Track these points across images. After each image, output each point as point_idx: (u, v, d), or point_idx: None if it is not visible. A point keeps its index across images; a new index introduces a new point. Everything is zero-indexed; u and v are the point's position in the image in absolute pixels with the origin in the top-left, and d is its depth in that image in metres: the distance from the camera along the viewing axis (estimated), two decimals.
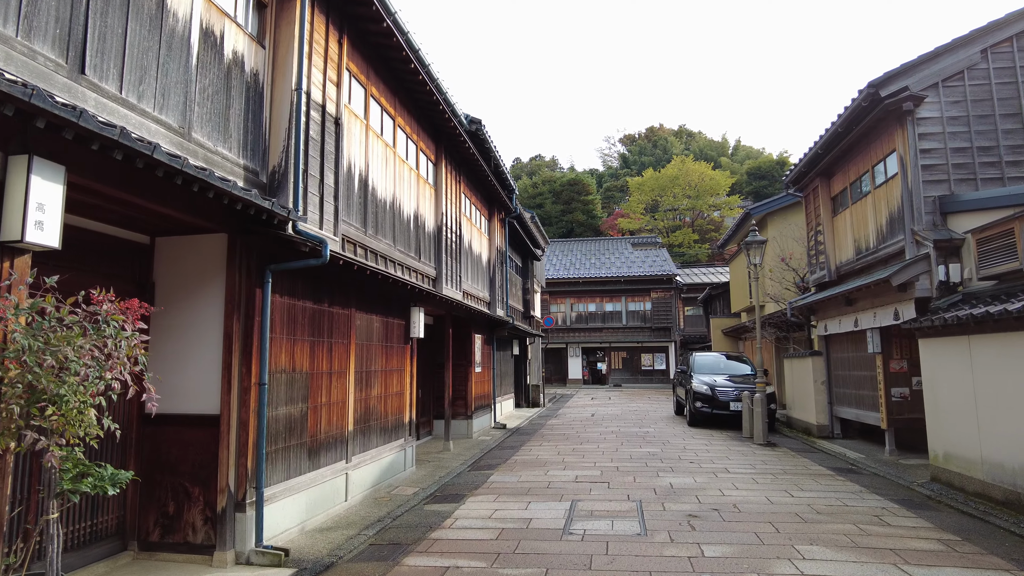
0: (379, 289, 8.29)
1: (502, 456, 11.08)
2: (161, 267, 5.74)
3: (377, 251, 8.32)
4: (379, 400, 8.45)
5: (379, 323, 8.50)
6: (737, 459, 10.50)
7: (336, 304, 7.21)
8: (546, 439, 13.28)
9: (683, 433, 14.02)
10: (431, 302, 10.07)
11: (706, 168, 55.24)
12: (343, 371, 7.37)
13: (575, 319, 35.70)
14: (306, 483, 6.40)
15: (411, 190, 9.95)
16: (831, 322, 12.44)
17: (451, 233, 11.84)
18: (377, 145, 8.57)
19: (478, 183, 14.22)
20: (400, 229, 9.34)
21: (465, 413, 13.48)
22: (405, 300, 9.36)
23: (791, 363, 14.78)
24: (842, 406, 12.52)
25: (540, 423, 16.65)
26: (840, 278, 12.22)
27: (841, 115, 10.22)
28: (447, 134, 11.22)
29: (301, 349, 6.43)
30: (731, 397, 14.80)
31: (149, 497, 5.43)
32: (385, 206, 8.74)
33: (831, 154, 11.43)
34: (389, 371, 8.84)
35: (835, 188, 12.29)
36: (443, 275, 11.09)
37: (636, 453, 11.16)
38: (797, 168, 12.85)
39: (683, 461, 10.28)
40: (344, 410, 7.38)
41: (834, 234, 12.38)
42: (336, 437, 7.16)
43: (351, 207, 7.59)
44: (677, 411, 18.51)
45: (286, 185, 5.89)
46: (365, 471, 7.85)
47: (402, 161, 9.56)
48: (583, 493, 7.95)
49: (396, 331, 9.13)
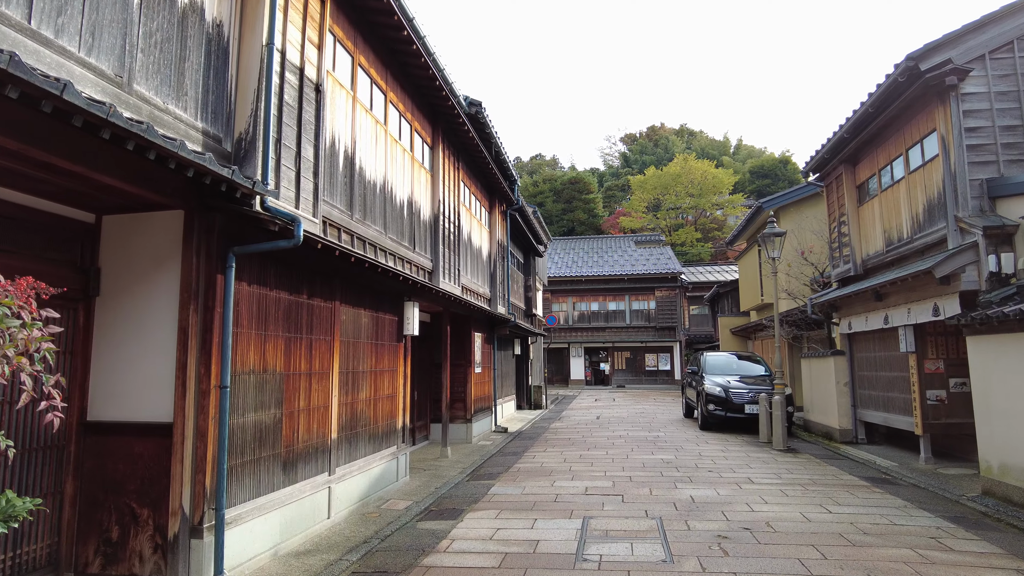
0: (368, 280, 7.46)
1: (504, 463, 10.25)
2: (108, 250, 4.91)
3: (365, 238, 7.50)
4: (368, 404, 7.62)
5: (368, 318, 7.67)
6: (759, 467, 9.67)
7: (317, 296, 6.38)
8: (551, 444, 12.44)
9: (696, 438, 13.19)
10: (427, 296, 9.25)
11: (709, 166, 54.49)
12: (325, 372, 6.53)
13: (577, 318, 34.85)
14: (280, 500, 5.56)
15: (405, 173, 9.12)
16: (856, 319, 11.61)
17: (449, 223, 11.01)
18: (366, 121, 7.75)
19: (478, 171, 13.39)
20: (392, 215, 8.51)
21: (464, 416, 12.65)
22: (398, 294, 8.54)
23: (809, 363, 13.95)
24: (867, 409, 11.69)
25: (543, 426, 15.82)
26: (866, 272, 11.39)
27: (873, 93, 9.39)
28: (445, 115, 10.39)
29: (274, 346, 5.60)
30: (746, 399, 13.98)
31: (89, 521, 4.60)
32: (375, 189, 7.91)
33: (858, 138, 10.60)
34: (380, 372, 8.01)
35: (861, 175, 11.46)
36: (440, 267, 10.25)
37: (649, 460, 10.33)
38: (819, 155, 12.02)
39: (701, 470, 9.45)
40: (327, 416, 6.55)
41: (859, 225, 11.55)
42: (317, 446, 6.33)
43: (335, 187, 6.76)
44: (687, 414, 17.68)
45: (254, 154, 5.06)
46: (351, 484, 7.02)
47: (395, 141, 8.73)
48: (595, 508, 7.12)
49: (388, 328, 8.30)
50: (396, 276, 7.34)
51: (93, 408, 4.74)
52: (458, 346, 12.84)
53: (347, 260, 6.13)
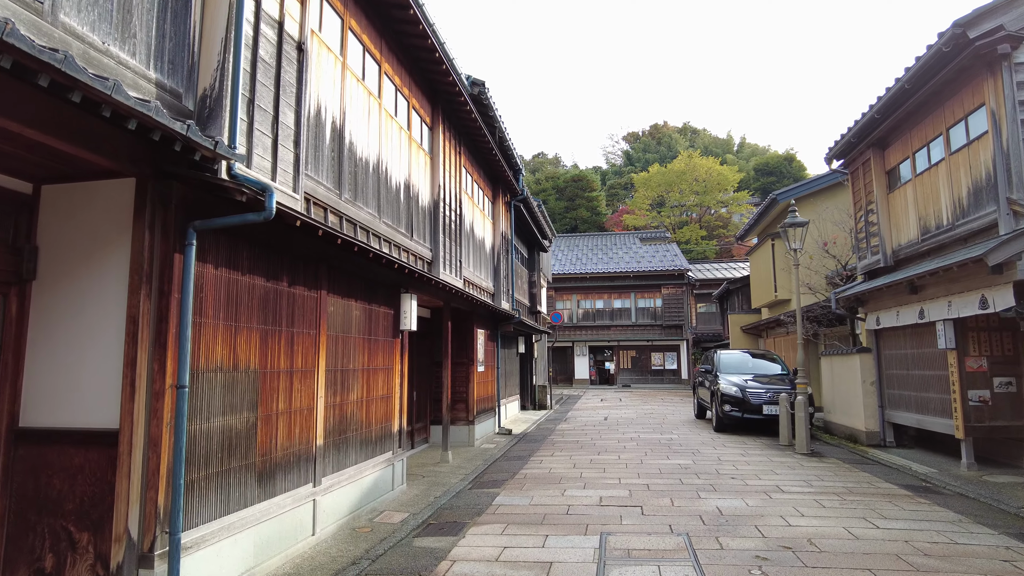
0: (360, 268, 6.72)
1: (509, 469, 9.50)
2: (48, 226, 4.17)
3: (356, 221, 6.75)
4: (359, 405, 6.87)
5: (360, 311, 6.92)
6: (785, 474, 8.91)
7: (300, 284, 5.64)
8: (558, 447, 11.70)
9: (712, 441, 12.44)
10: (426, 288, 8.50)
11: (714, 163, 53.72)
12: (310, 369, 5.79)
13: (582, 316, 34.08)
14: (255, 517, 4.82)
15: (401, 154, 8.37)
16: (885, 314, 10.84)
17: (450, 210, 10.26)
18: (357, 91, 7.00)
19: (481, 157, 12.64)
20: (387, 199, 7.77)
21: (466, 418, 11.90)
22: (394, 284, 7.79)
23: (831, 361, 13.18)
24: (897, 410, 10.92)
25: (549, 428, 15.07)
26: (897, 264, 10.62)
27: (910, 68, 8.62)
28: (445, 94, 9.64)
29: (248, 340, 4.85)
30: (764, 400, 13.22)
31: (18, 547, 3.86)
32: (367, 168, 7.17)
33: (891, 118, 9.82)
34: (373, 370, 7.26)
35: (891, 160, 10.69)
36: (440, 257, 9.50)
37: (665, 466, 9.58)
38: (844, 139, 11.24)
39: (723, 477, 8.70)
40: (311, 419, 5.80)
41: (889, 213, 10.78)
42: (300, 454, 5.58)
43: (320, 162, 6.02)
44: (699, 414, 16.92)
45: (220, 113, 4.31)
46: (340, 495, 6.28)
47: (390, 117, 7.98)
48: (612, 522, 6.37)
49: (382, 322, 7.55)
50: (391, 264, 6.59)
51: (26, 413, 4.00)
52: (460, 343, 12.10)
53: (333, 243, 5.40)
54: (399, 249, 8.06)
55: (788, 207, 19.10)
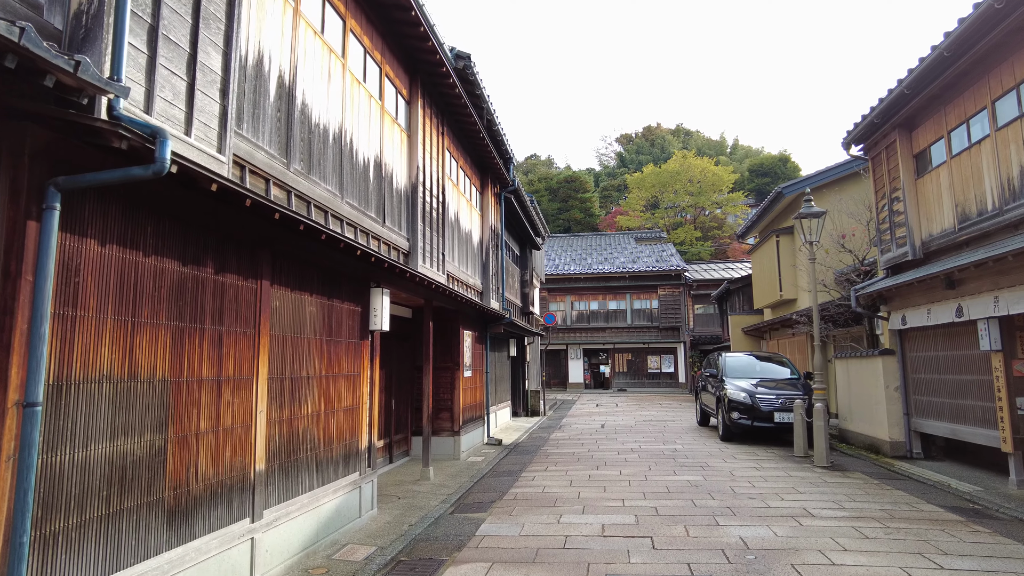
0: (316, 256, 5.62)
1: (497, 488, 8.40)
2: None
3: (311, 198, 5.65)
4: (316, 420, 5.76)
5: (317, 307, 5.82)
6: (809, 492, 7.86)
7: (232, 271, 4.53)
8: (552, 460, 10.60)
9: (719, 451, 11.37)
10: (401, 282, 7.41)
11: (708, 163, 53.05)
12: (246, 378, 4.68)
13: (576, 318, 33.01)
14: (162, 570, 3.71)
15: (372, 127, 7.28)
16: (913, 312, 9.82)
17: (431, 196, 9.16)
18: (314, 45, 5.90)
19: (467, 141, 11.56)
20: (353, 176, 6.67)
21: (451, 428, 10.79)
22: (361, 277, 6.69)
23: (847, 364, 12.15)
24: (926, 418, 9.90)
25: (543, 437, 13.97)
26: (927, 256, 9.59)
27: (951, 33, 7.61)
28: (425, 65, 8.56)
29: (153, 340, 3.74)
30: (775, 407, 12.19)
31: None
32: (326, 137, 6.07)
33: (923, 94, 8.79)
34: (334, 377, 6.15)
35: (921, 141, 9.66)
36: (419, 248, 8.40)
37: (673, 483, 8.50)
38: (866, 120, 10.22)
39: (740, 496, 7.63)
40: (248, 439, 4.69)
41: (918, 200, 9.75)
42: (231, 483, 4.47)
43: (261, 121, 4.92)
44: (702, 421, 15.87)
45: (98, 33, 3.20)
46: (289, 529, 5.16)
47: (357, 82, 6.89)
48: (619, 559, 5.28)
49: (347, 321, 6.45)
50: (353, 250, 5.48)
51: None
52: (444, 346, 10.99)
53: (275, 220, 4.29)
54: (367, 236, 6.96)
55: (793, 202, 18.15)
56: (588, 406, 22.63)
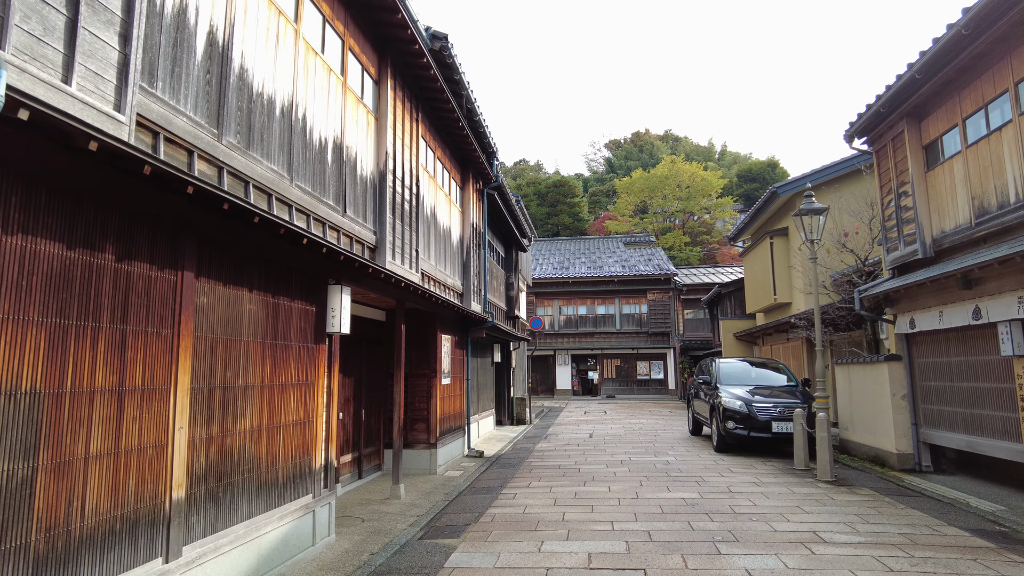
0: (258, 246, 4.83)
1: (474, 507, 7.61)
2: None
3: (249, 177, 4.87)
4: (256, 436, 4.95)
5: (259, 306, 5.02)
6: (816, 512, 7.14)
7: (141, 258, 3.74)
8: (536, 475, 9.82)
9: (715, 464, 10.64)
10: (367, 280, 6.63)
11: (697, 168, 52.80)
12: (159, 388, 3.88)
13: (564, 323, 32.27)
14: None
15: (332, 104, 6.50)
16: (923, 315, 9.15)
17: (403, 187, 8.39)
18: (258, 4, 5.12)
19: (445, 131, 10.80)
20: (306, 157, 5.89)
21: (427, 440, 9.98)
22: (317, 272, 5.91)
23: (848, 371, 11.48)
24: (937, 429, 9.22)
25: (527, 447, 13.19)
26: (939, 254, 8.93)
27: (970, 8, 6.95)
28: (396, 43, 7.80)
29: (17, 342, 2.94)
30: (773, 416, 11.50)
31: None
32: (271, 109, 5.28)
33: (936, 79, 8.15)
34: (281, 386, 5.35)
35: (931, 131, 9.02)
36: (388, 243, 7.62)
37: (667, 502, 7.75)
38: (871, 110, 9.57)
39: (742, 518, 6.89)
40: (160, 462, 3.88)
41: (928, 195, 9.10)
42: (136, 518, 3.66)
43: (182, 80, 4.13)
44: (694, 430, 15.15)
45: None
46: (217, 567, 4.35)
47: (313, 52, 6.11)
48: None
49: (298, 321, 5.65)
50: (299, 238, 4.70)
51: None
52: (419, 351, 10.20)
53: (187, 194, 3.51)
54: (323, 225, 6.17)
55: (788, 202, 17.54)
56: (576, 414, 21.87)
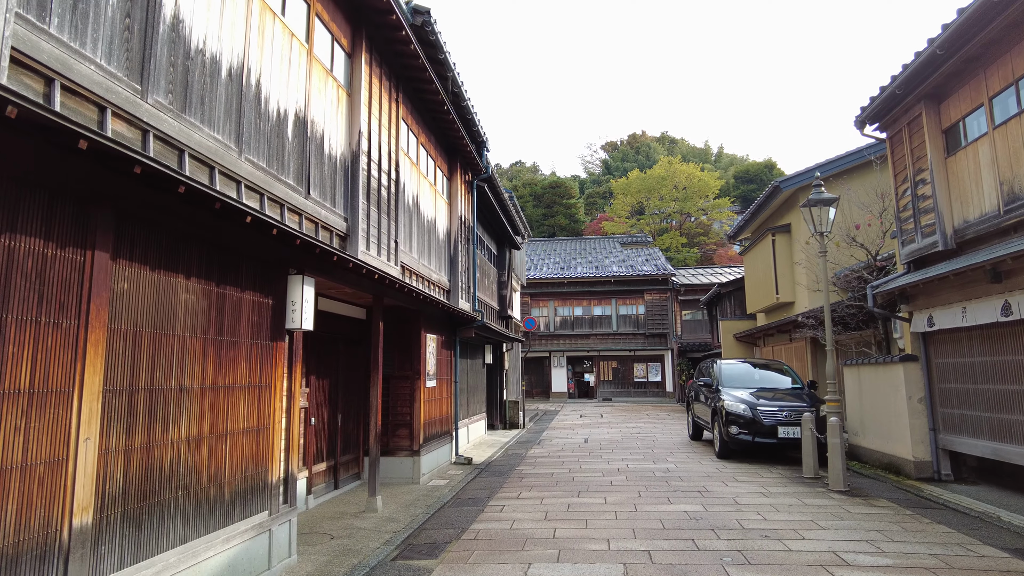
0: (199, 226, 4.14)
1: (458, 522, 6.92)
2: None
3: (186, 145, 4.18)
4: (194, 447, 4.25)
5: (198, 295, 4.33)
6: (833, 527, 6.47)
7: (29, 231, 3.05)
8: (527, 484, 9.13)
9: (718, 472, 9.97)
10: (335, 271, 5.95)
11: (695, 169, 52.35)
12: (56, 391, 3.19)
13: (559, 324, 31.59)
14: None
15: (294, 72, 5.82)
16: (943, 312, 8.50)
17: (380, 171, 7.70)
18: None
19: (430, 116, 10.12)
20: (260, 128, 5.21)
21: (409, 447, 9.28)
22: (276, 260, 5.22)
23: (858, 372, 10.83)
24: (957, 435, 8.57)
25: (519, 454, 12.50)
26: (961, 246, 8.29)
27: None
28: (371, 13, 7.13)
29: None
30: (778, 420, 10.83)
31: None
32: (216, 70, 4.59)
33: (960, 54, 7.51)
34: (230, 389, 4.66)
35: (952, 113, 8.37)
36: (361, 231, 6.93)
37: (668, 516, 7.07)
38: (885, 92, 8.92)
39: (752, 535, 6.21)
40: (56, 482, 3.18)
41: (949, 182, 8.45)
42: (16, 554, 2.97)
43: (86, 19, 3.46)
44: (694, 435, 14.47)
45: None
46: None
47: (271, 13, 5.43)
48: None
49: (250, 315, 4.96)
50: (242, 215, 4.01)
51: None
52: (402, 352, 9.51)
53: (110, 163, 2.82)
54: (281, 207, 5.47)
55: (790, 198, 16.89)
56: (571, 417, 21.18)
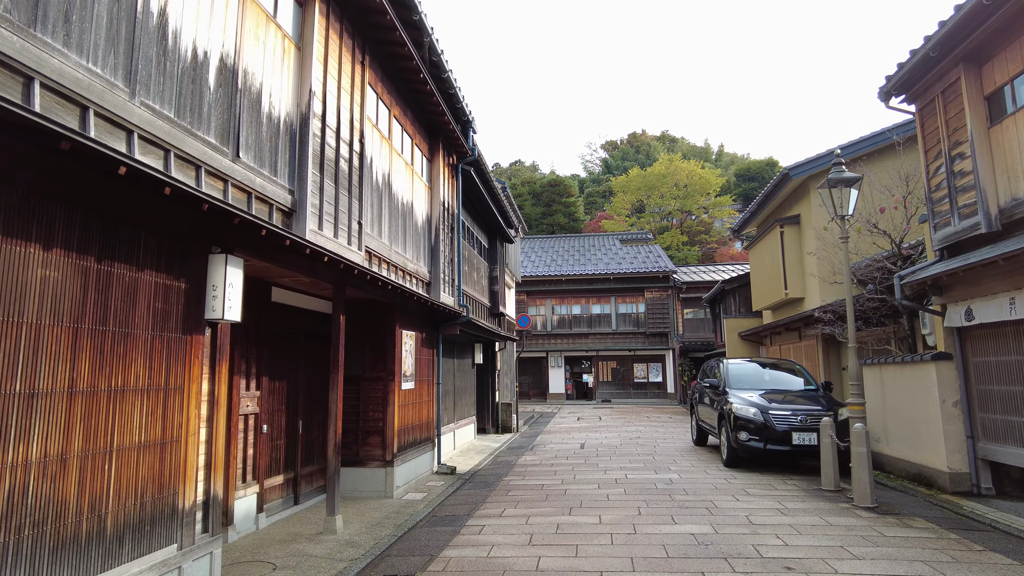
0: (69, 184, 3.15)
1: (428, 546, 5.91)
2: None
3: (37, 72, 3.17)
4: (57, 469, 3.24)
5: (66, 273, 3.33)
6: (869, 557, 5.46)
7: None
8: (513, 498, 8.12)
9: (726, 483, 8.96)
10: (275, 252, 4.95)
11: (695, 166, 51.40)
12: None
13: (557, 323, 30.56)
14: None
15: (217, 6, 4.81)
16: (984, 304, 7.50)
17: (339, 140, 6.68)
18: None
19: (405, 87, 9.11)
20: (161, 66, 4.20)
21: (381, 456, 8.28)
22: (192, 235, 4.22)
23: (881, 372, 9.82)
24: (1002, 444, 7.56)
25: (509, 461, 11.49)
26: (1007, 227, 7.27)
27: None
28: None
29: None
30: (793, 425, 9.83)
31: None
32: None
33: (1009, 4, 6.50)
34: (118, 393, 3.65)
35: (997, 77, 7.36)
36: (311, 207, 5.92)
37: (672, 539, 6.06)
38: (915, 57, 7.91)
39: (772, 565, 5.21)
40: None
41: (993, 154, 7.44)
42: None
43: None
44: (698, 440, 13.46)
45: None
46: None
47: None
48: None
49: (152, 301, 3.96)
50: (114, 165, 3.01)
51: None
52: (374, 350, 8.50)
53: None
54: (198, 168, 4.46)
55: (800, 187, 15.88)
56: (568, 420, 20.17)
